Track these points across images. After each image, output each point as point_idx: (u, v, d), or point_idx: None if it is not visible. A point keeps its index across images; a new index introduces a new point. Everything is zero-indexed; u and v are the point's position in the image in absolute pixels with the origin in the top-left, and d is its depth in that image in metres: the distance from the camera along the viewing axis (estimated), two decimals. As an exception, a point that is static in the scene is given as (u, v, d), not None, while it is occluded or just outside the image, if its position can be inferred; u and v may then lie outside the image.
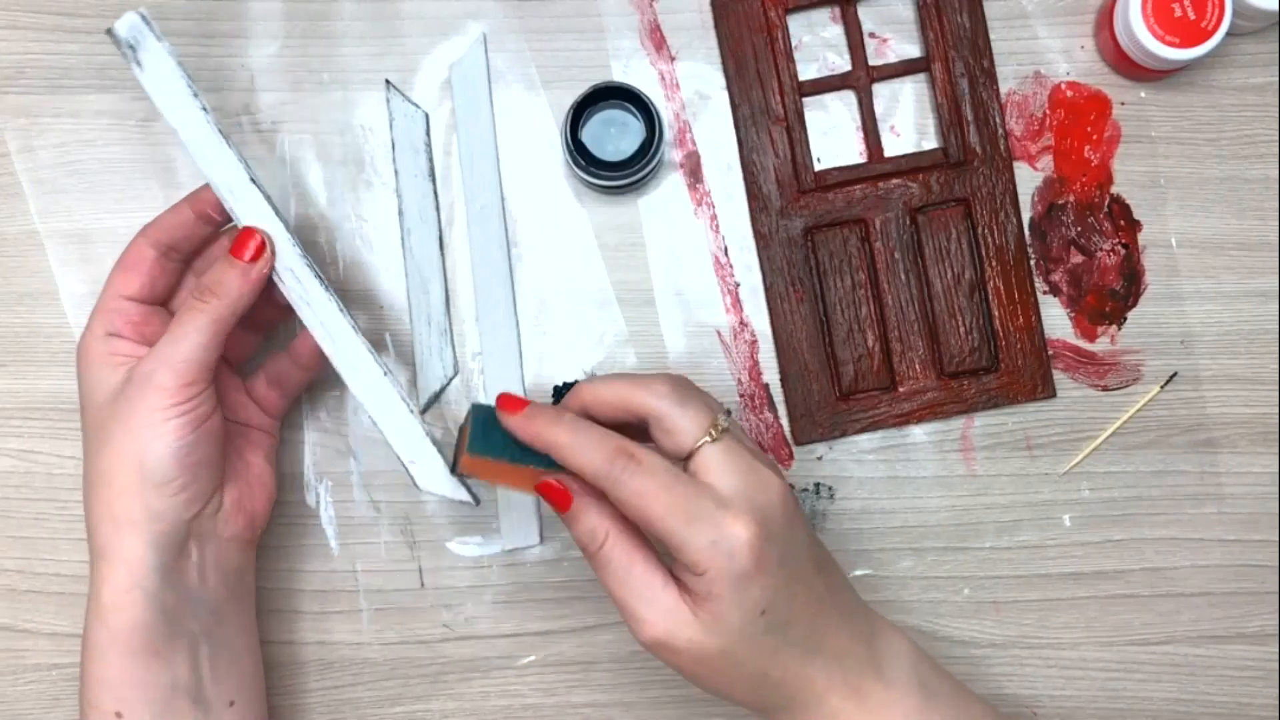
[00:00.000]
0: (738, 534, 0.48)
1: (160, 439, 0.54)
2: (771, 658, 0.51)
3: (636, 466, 0.49)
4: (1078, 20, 0.67)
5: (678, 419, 0.50)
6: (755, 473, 0.50)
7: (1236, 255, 0.67)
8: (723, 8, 0.67)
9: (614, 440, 0.50)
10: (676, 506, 0.48)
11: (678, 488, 0.49)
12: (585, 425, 0.51)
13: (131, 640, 0.55)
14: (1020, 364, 0.66)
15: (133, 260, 0.58)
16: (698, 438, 0.50)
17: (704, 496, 0.49)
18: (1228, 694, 0.66)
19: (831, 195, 0.67)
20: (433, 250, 0.66)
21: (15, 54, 0.67)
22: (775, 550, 0.49)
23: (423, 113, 0.67)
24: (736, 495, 0.49)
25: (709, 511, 0.48)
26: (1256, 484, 0.66)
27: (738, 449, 0.50)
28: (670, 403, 0.50)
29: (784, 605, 0.50)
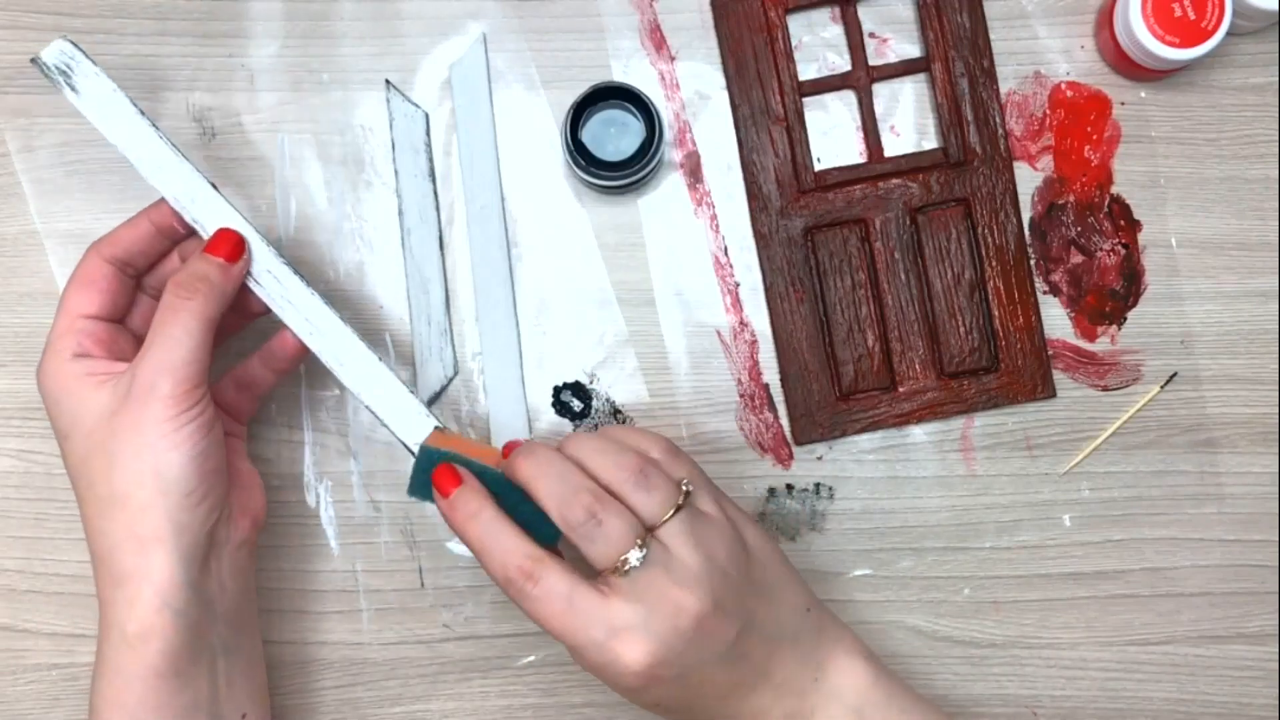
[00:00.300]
0: (624, 662, 0.50)
1: (176, 449, 0.53)
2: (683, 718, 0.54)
3: (531, 589, 0.51)
4: (1078, 20, 0.67)
5: (587, 550, 0.51)
6: (664, 599, 0.51)
7: (1236, 255, 0.67)
8: (723, 8, 0.67)
9: (515, 558, 0.52)
10: (568, 632, 0.51)
11: (570, 616, 0.51)
12: (497, 531, 0.52)
13: (159, 664, 0.53)
14: (1020, 364, 0.66)
15: (90, 277, 0.56)
16: (606, 568, 0.51)
17: (595, 625, 0.50)
18: (1228, 694, 0.66)
19: (831, 195, 0.67)
20: (433, 250, 0.66)
21: (15, 54, 0.67)
22: (672, 671, 0.51)
23: (423, 113, 0.67)
24: (634, 622, 0.50)
25: (598, 641, 0.50)
26: (1256, 484, 0.66)
27: (648, 577, 0.51)
28: (581, 535, 0.51)
29: (683, 701, 0.53)
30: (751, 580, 0.54)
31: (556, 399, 0.66)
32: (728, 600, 0.52)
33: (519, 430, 0.66)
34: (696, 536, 0.52)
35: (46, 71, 0.56)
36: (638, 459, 0.53)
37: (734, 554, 0.53)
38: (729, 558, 0.53)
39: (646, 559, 0.51)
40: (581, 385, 0.66)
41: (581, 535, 0.51)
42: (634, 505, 0.52)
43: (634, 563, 0.51)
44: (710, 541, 0.52)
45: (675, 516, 0.52)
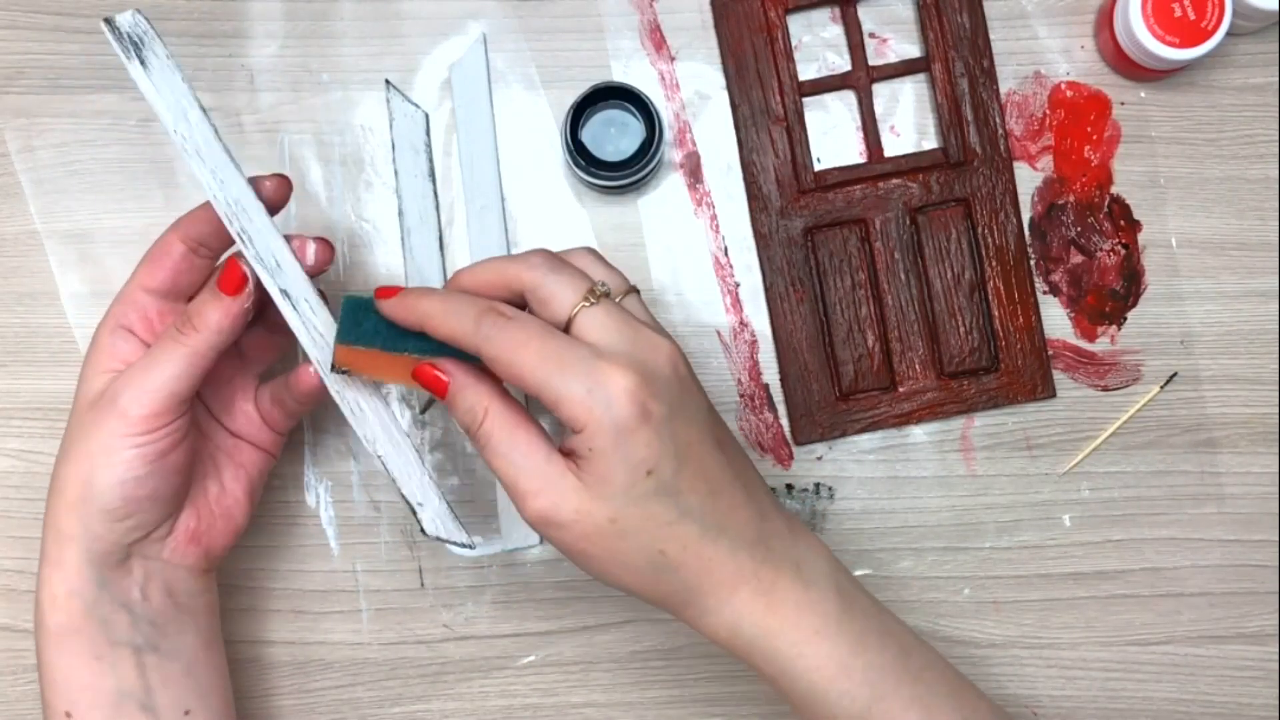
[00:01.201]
0: (615, 380, 0.46)
1: (111, 467, 0.53)
2: (666, 530, 0.48)
3: (506, 322, 0.47)
4: (1078, 20, 0.67)
5: (552, 286, 0.48)
6: (639, 333, 0.48)
7: (1236, 255, 0.67)
8: (723, 8, 0.67)
9: (484, 301, 0.49)
10: (549, 356, 0.47)
11: (551, 340, 0.47)
12: (455, 294, 0.50)
13: (69, 643, 0.55)
14: (1020, 364, 0.66)
15: (160, 253, 0.56)
16: (574, 303, 0.48)
17: (579, 348, 0.47)
18: (1228, 694, 0.66)
19: (831, 195, 0.67)
20: (433, 250, 0.66)
21: (15, 54, 0.67)
22: (660, 406, 0.47)
23: (423, 113, 0.67)
24: (617, 348, 0.47)
25: (584, 358, 0.47)
26: (1256, 484, 0.66)
27: (619, 312, 0.48)
28: (544, 271, 0.49)
29: (671, 468, 0.48)
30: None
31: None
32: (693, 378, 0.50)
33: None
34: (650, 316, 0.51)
35: (118, 37, 0.52)
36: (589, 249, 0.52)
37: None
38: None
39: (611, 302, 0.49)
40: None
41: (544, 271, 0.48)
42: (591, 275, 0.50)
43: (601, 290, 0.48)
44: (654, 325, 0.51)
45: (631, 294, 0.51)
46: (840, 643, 0.50)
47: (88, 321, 0.67)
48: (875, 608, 0.53)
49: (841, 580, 0.52)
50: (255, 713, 0.66)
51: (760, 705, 0.66)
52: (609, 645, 0.67)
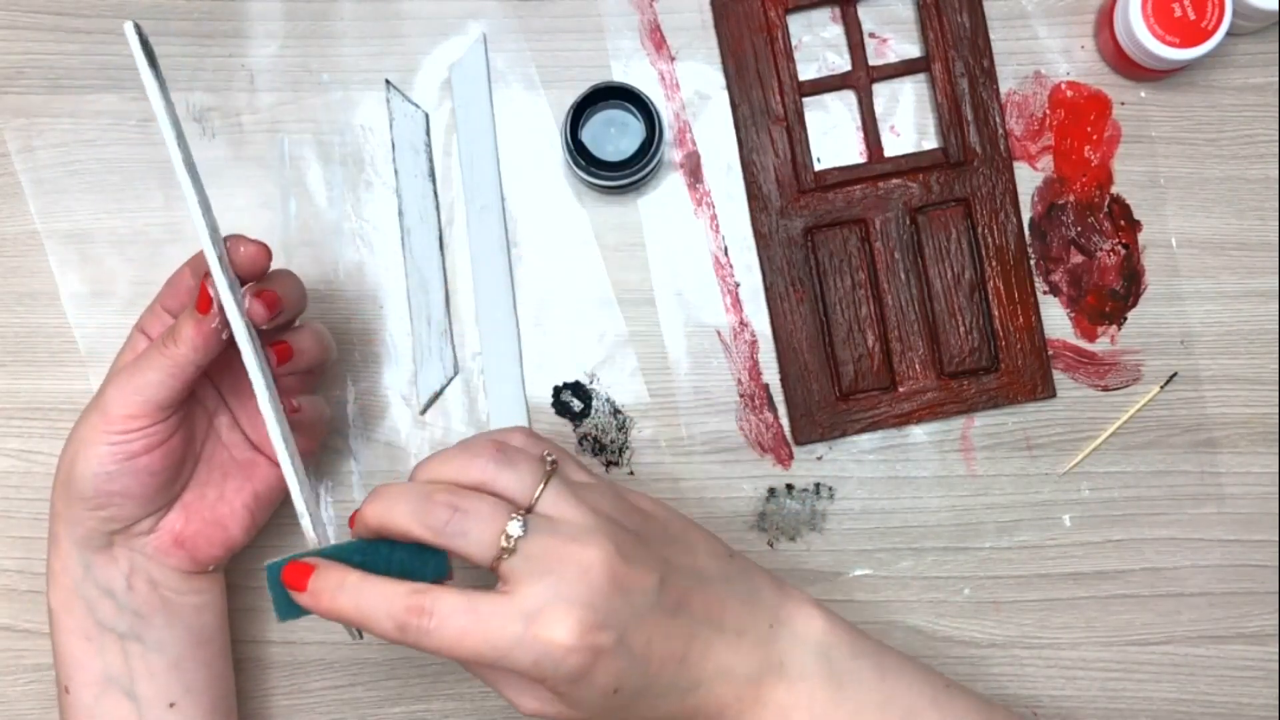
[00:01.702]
0: (555, 642, 0.47)
1: (86, 459, 0.54)
2: (648, 710, 0.50)
3: (428, 622, 0.47)
4: (1078, 20, 0.67)
5: (462, 548, 0.48)
6: (564, 563, 0.47)
7: (1236, 255, 0.67)
8: (723, 8, 0.67)
9: (399, 600, 0.47)
10: (484, 642, 0.47)
11: (478, 625, 0.47)
12: (367, 589, 0.48)
13: (64, 620, 0.57)
14: (1020, 364, 0.66)
15: (176, 280, 0.58)
16: (490, 558, 0.48)
17: (509, 620, 0.47)
18: (1228, 694, 0.66)
19: (831, 195, 0.67)
20: (433, 250, 0.66)
21: (15, 54, 0.67)
22: (608, 635, 0.47)
23: (423, 113, 0.67)
24: (546, 599, 0.47)
25: (518, 634, 0.47)
26: (1256, 484, 0.66)
27: (539, 545, 0.47)
28: (450, 535, 0.48)
29: (637, 674, 0.49)
30: (652, 531, 0.51)
31: (556, 399, 0.66)
32: (630, 547, 0.49)
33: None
34: (576, 496, 0.49)
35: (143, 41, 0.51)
36: (491, 444, 0.50)
37: (621, 507, 0.51)
38: (616, 509, 0.50)
39: (530, 527, 0.47)
40: (581, 385, 0.66)
41: (452, 533, 0.48)
42: (500, 489, 0.49)
43: (517, 533, 0.47)
44: (592, 499, 0.50)
45: (547, 486, 0.49)
46: None
47: (87, 321, 0.67)
48: (877, 675, 0.53)
49: (836, 659, 0.53)
50: (255, 713, 0.66)
51: (760, 705, 0.66)
52: (609, 645, 0.67)
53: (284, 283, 0.56)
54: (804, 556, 0.66)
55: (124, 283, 0.67)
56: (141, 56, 0.51)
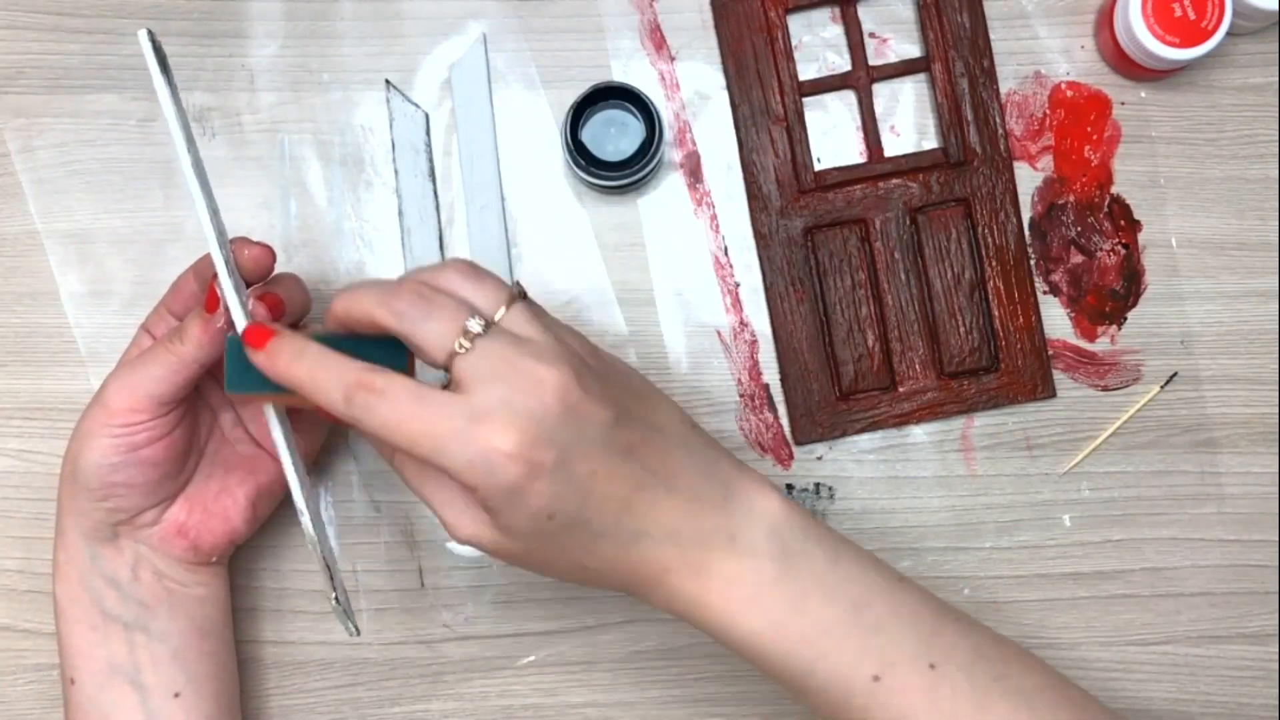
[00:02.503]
0: (494, 447, 0.45)
1: (89, 451, 0.55)
2: (583, 552, 0.49)
3: (375, 399, 0.46)
4: (1078, 20, 0.67)
5: (422, 334, 0.46)
6: (519, 373, 0.46)
7: (1236, 255, 0.67)
8: (723, 8, 0.67)
9: (352, 373, 0.47)
10: (424, 432, 0.45)
11: (423, 411, 0.45)
12: (324, 359, 0.48)
13: (69, 611, 0.58)
14: (1020, 364, 0.66)
15: (181, 285, 0.59)
16: (447, 350, 0.46)
17: (454, 415, 0.45)
18: (1228, 694, 0.66)
19: (831, 195, 0.67)
20: (433, 250, 0.66)
21: (15, 54, 0.67)
22: (549, 452, 0.46)
23: (423, 113, 0.67)
24: (495, 404, 0.45)
25: (460, 429, 0.45)
26: (1256, 484, 0.66)
27: (496, 349, 0.46)
28: (411, 319, 0.46)
29: (575, 503, 0.47)
30: (615, 376, 0.50)
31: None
32: (591, 380, 0.48)
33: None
34: (542, 321, 0.48)
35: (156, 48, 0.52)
36: (464, 261, 0.50)
37: (587, 347, 0.50)
38: (582, 347, 0.49)
39: (491, 332, 0.46)
40: (581, 385, 0.66)
41: (413, 321, 0.46)
42: (465, 297, 0.48)
43: (475, 329, 0.46)
44: (558, 329, 0.49)
45: (514, 306, 0.48)
46: (774, 606, 0.50)
47: (87, 321, 0.67)
48: (829, 561, 0.51)
49: (788, 539, 0.51)
50: (255, 712, 0.66)
51: (760, 705, 0.66)
52: (609, 645, 0.67)
53: (288, 286, 0.57)
54: (804, 556, 0.66)
55: (124, 283, 0.67)
56: (154, 62, 0.51)
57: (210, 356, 0.55)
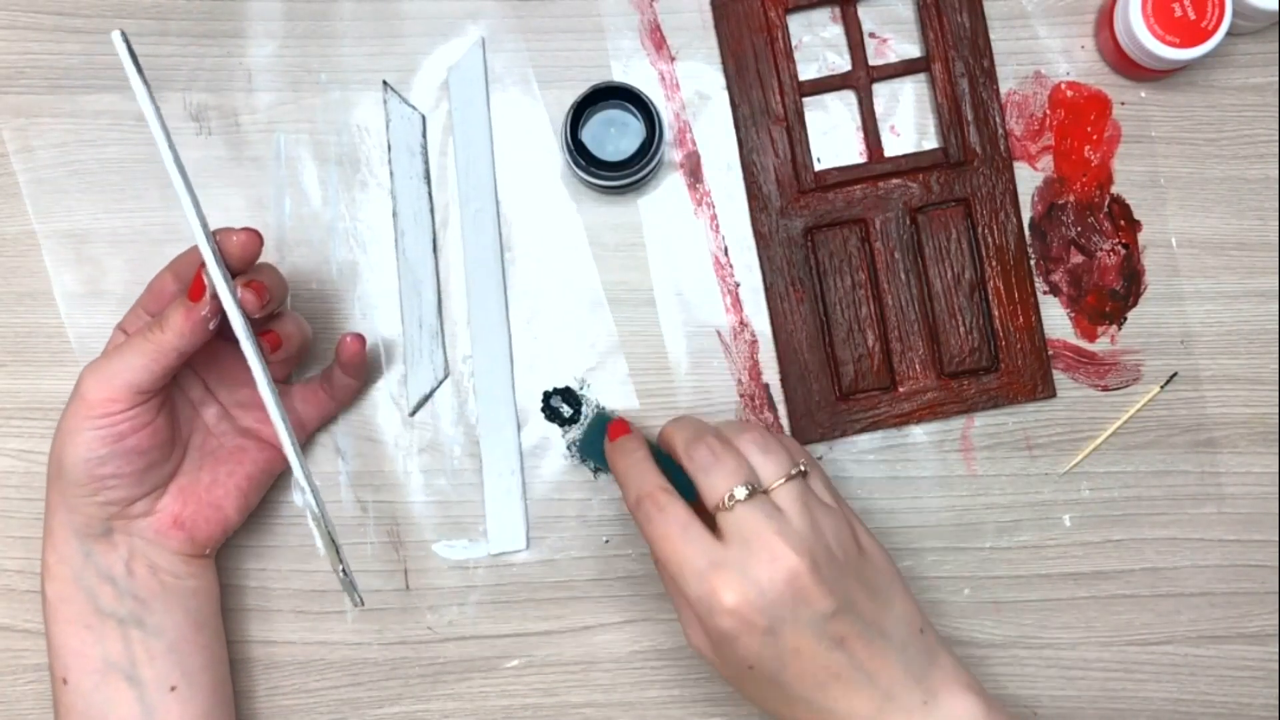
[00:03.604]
0: (719, 596, 0.52)
1: (74, 446, 0.56)
2: (779, 703, 0.54)
3: (656, 514, 0.54)
4: (1078, 20, 0.67)
5: (702, 482, 0.54)
6: (762, 546, 0.52)
7: (1236, 255, 0.67)
8: (723, 8, 0.67)
9: (649, 485, 0.55)
10: (675, 558, 0.53)
11: (681, 542, 0.53)
12: (640, 465, 0.56)
13: (62, 610, 0.58)
14: (1020, 364, 0.66)
15: (157, 286, 0.59)
16: (715, 502, 0.53)
17: (702, 554, 0.52)
18: (1228, 694, 0.66)
19: (831, 195, 0.67)
20: (426, 253, 0.66)
21: (15, 54, 0.67)
22: (762, 620, 0.52)
23: (420, 115, 0.67)
24: (733, 562, 0.52)
25: (700, 569, 0.52)
26: (1256, 484, 0.66)
27: (755, 520, 0.52)
28: (699, 467, 0.54)
29: (774, 667, 0.53)
30: (858, 572, 0.54)
31: (546, 404, 0.66)
32: (827, 571, 0.53)
33: (509, 434, 0.66)
34: (805, 504, 0.54)
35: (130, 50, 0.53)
36: (761, 429, 0.56)
37: (841, 538, 0.54)
38: (835, 537, 0.54)
39: (753, 503, 0.53)
40: (571, 391, 0.66)
41: (698, 466, 0.54)
42: (753, 462, 0.54)
43: (739, 496, 0.53)
44: (818, 515, 0.54)
45: (787, 483, 0.54)
46: None
47: (83, 321, 0.67)
48: None
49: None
50: (256, 712, 0.66)
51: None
52: (609, 645, 0.67)
53: (268, 274, 0.58)
54: (804, 556, 0.66)
55: (120, 282, 0.67)
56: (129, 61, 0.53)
57: (191, 345, 0.56)
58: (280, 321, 0.61)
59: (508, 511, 0.66)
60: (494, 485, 0.66)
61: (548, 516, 0.67)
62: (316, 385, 0.64)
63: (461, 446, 0.66)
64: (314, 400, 0.64)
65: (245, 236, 0.56)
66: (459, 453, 0.66)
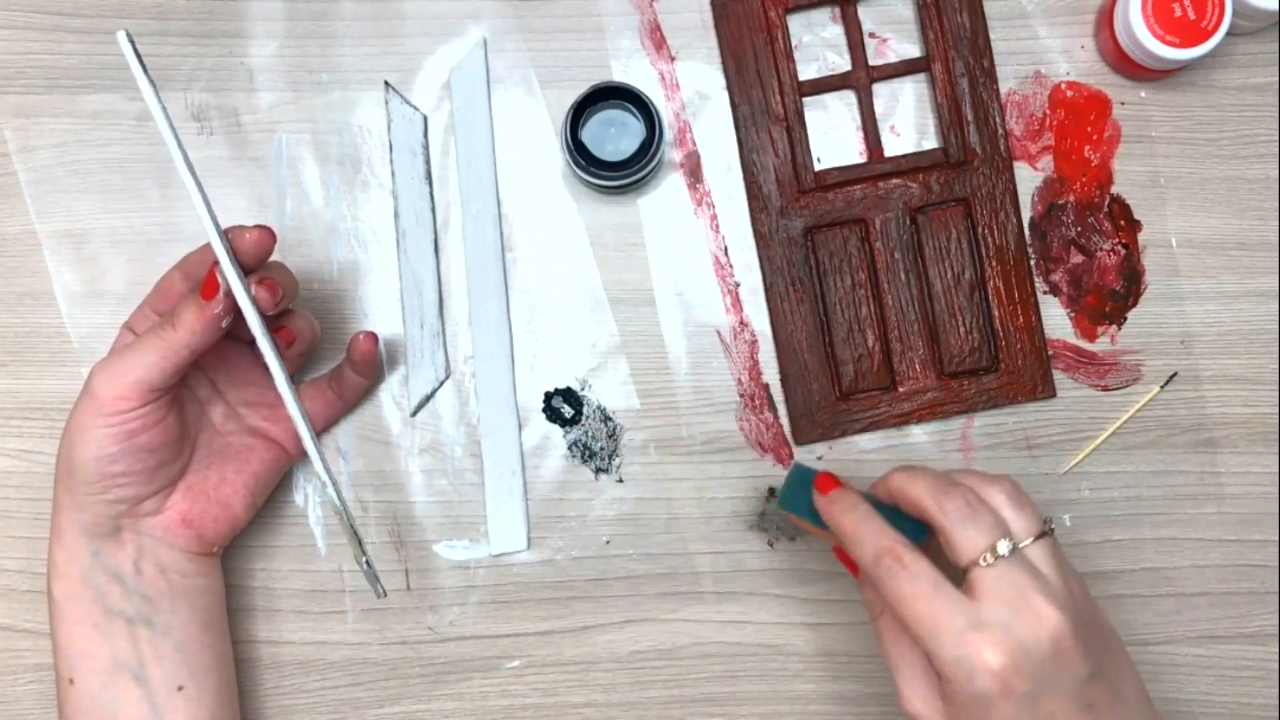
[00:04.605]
0: (983, 658, 0.49)
1: (85, 444, 0.56)
2: None
3: (900, 571, 0.51)
4: (1078, 20, 0.67)
5: (957, 536, 0.51)
6: (1027, 605, 0.50)
7: (1236, 255, 0.67)
8: (723, 8, 0.67)
9: (887, 541, 0.52)
10: (928, 617, 0.50)
11: (935, 600, 0.50)
12: (869, 519, 0.53)
13: (69, 609, 0.58)
14: (1020, 364, 0.66)
15: (166, 285, 0.59)
16: (973, 558, 0.51)
17: (959, 613, 0.50)
18: (1228, 694, 0.66)
19: (831, 195, 0.67)
20: (427, 253, 0.66)
21: (15, 54, 0.67)
22: (1025, 683, 0.49)
23: (421, 115, 0.67)
24: (997, 621, 0.50)
25: (959, 629, 0.50)
26: (1256, 484, 0.66)
27: (1015, 576, 0.50)
28: (954, 520, 0.51)
29: None
30: (1102, 634, 0.53)
31: (547, 404, 0.66)
32: (1085, 632, 0.51)
33: (510, 435, 0.66)
34: (1060, 561, 0.52)
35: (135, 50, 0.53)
36: (1011, 482, 0.54)
37: (1088, 597, 0.53)
38: (1085, 597, 0.52)
39: (1014, 557, 0.51)
40: (573, 391, 0.66)
41: (955, 519, 0.51)
42: (1004, 517, 0.52)
43: (1004, 551, 0.51)
44: (1071, 576, 0.52)
45: (1041, 539, 0.52)
46: None
47: (83, 320, 0.67)
48: None
49: None
50: (256, 712, 0.66)
51: (760, 705, 0.66)
52: (609, 645, 0.67)
53: (279, 271, 0.59)
54: (804, 556, 0.66)
55: (120, 282, 0.67)
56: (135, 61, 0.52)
57: (203, 342, 0.56)
58: (292, 318, 0.61)
59: (509, 512, 0.66)
60: (495, 486, 0.66)
61: (549, 517, 0.67)
62: (324, 385, 0.64)
63: (463, 447, 0.66)
64: (322, 400, 0.64)
65: (258, 234, 0.56)
66: (460, 453, 0.66)
